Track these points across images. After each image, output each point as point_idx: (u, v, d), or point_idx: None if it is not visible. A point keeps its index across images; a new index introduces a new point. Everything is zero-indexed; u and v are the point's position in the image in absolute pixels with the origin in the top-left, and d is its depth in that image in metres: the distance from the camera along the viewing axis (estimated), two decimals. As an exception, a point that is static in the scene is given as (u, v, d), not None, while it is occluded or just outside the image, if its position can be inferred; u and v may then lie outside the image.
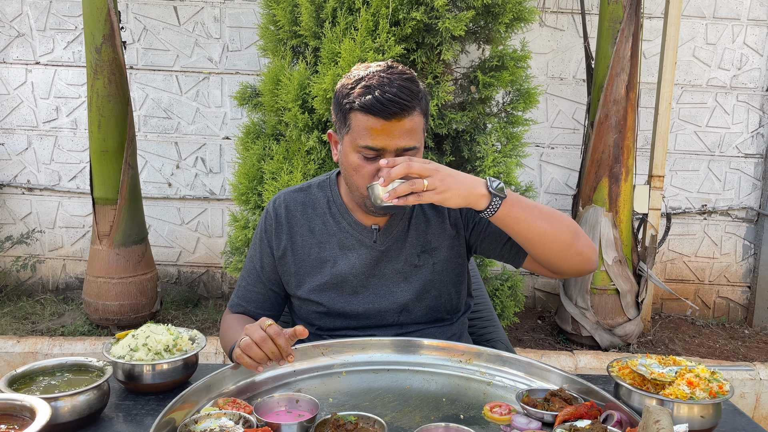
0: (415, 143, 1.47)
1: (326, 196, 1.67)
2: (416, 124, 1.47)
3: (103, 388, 1.29)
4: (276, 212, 1.67)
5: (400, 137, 1.44)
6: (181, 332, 1.49)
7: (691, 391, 1.25)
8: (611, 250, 3.64)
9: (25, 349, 3.30)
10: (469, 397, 1.42)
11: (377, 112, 1.42)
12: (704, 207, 4.41)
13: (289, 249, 1.65)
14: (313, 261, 1.64)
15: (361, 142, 1.46)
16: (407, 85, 1.44)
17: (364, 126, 1.45)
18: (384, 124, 1.43)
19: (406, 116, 1.44)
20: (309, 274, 1.64)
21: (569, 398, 1.34)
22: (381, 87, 1.43)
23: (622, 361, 1.40)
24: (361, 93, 1.44)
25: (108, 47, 3.54)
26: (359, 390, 1.44)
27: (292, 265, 1.65)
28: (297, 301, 1.70)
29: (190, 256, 4.42)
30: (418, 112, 1.47)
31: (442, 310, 1.70)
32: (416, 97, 1.45)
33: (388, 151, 1.45)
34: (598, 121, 3.64)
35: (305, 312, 1.69)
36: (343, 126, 1.51)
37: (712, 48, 4.25)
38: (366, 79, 1.46)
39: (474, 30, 3.23)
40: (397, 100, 1.41)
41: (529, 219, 1.44)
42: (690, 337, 4.12)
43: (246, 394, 1.40)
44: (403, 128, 1.44)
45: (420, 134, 1.50)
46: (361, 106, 1.44)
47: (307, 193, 1.69)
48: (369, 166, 1.48)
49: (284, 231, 1.66)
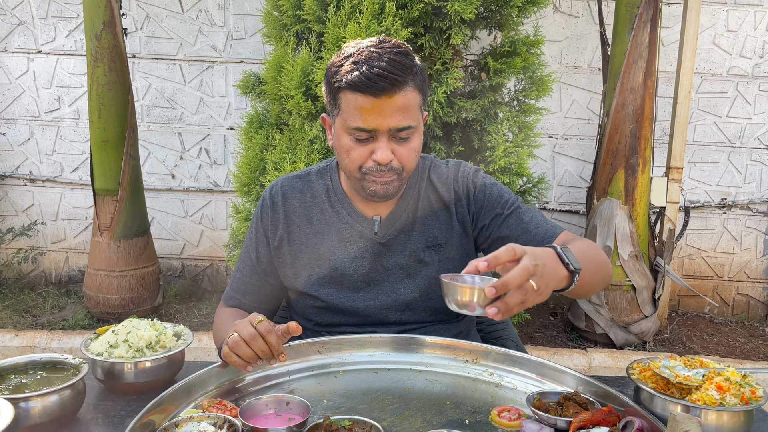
0: (410, 122, 1.36)
1: (325, 184, 1.56)
2: (410, 101, 1.36)
3: (77, 387, 1.19)
4: (273, 200, 1.57)
5: (392, 116, 1.34)
6: (165, 328, 1.38)
7: (720, 396, 1.13)
8: (627, 244, 3.51)
9: (24, 342, 3.23)
10: (475, 400, 1.31)
11: (365, 89, 1.31)
12: (724, 200, 4.25)
13: (286, 239, 1.55)
14: (311, 253, 1.53)
15: (352, 123, 1.36)
16: (398, 59, 1.33)
17: (353, 106, 1.34)
18: (374, 102, 1.32)
19: (398, 92, 1.32)
20: (306, 266, 1.54)
21: (585, 403, 1.22)
22: (369, 62, 1.32)
23: (643, 363, 1.28)
24: (349, 70, 1.34)
25: (108, 34, 3.45)
26: (357, 391, 1.34)
27: (288, 257, 1.55)
28: (294, 295, 1.60)
29: (193, 249, 4.34)
30: (412, 88, 1.36)
31: (447, 311, 1.58)
32: (408, 70, 1.34)
33: (381, 131, 1.35)
34: (614, 110, 3.50)
35: (302, 306, 1.59)
36: (334, 107, 1.41)
37: (733, 35, 4.10)
38: (355, 54, 1.35)
39: (485, 15, 3.10)
40: (387, 75, 1.31)
41: (589, 280, 1.31)
42: (708, 335, 3.98)
43: (234, 395, 1.30)
44: (396, 106, 1.33)
45: (416, 112, 1.38)
46: (349, 83, 1.33)
47: (305, 180, 1.58)
48: (361, 148, 1.38)
49: (281, 219, 1.55)
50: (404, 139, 1.38)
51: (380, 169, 1.38)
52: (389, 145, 1.37)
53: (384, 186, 1.41)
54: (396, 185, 1.42)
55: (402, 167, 1.40)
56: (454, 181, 1.55)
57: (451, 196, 1.54)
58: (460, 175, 1.55)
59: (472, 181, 1.54)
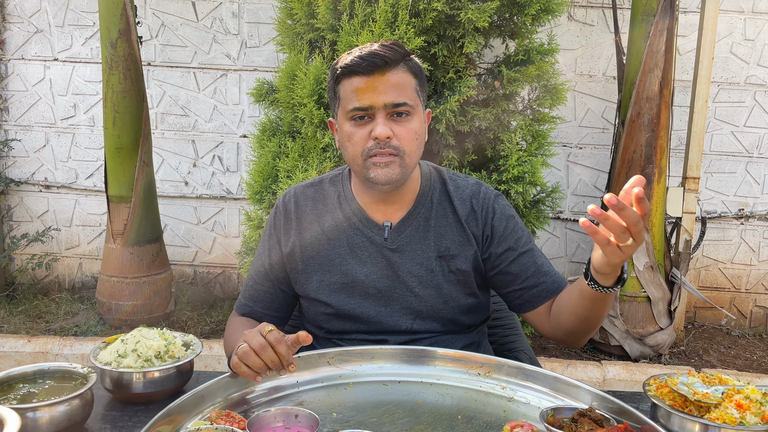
0: (405, 99, 1.40)
1: (337, 191, 1.57)
2: (404, 80, 1.41)
3: (85, 397, 1.18)
4: (285, 207, 1.58)
5: (386, 92, 1.38)
6: (175, 337, 1.37)
7: (740, 415, 1.10)
8: (642, 255, 3.46)
9: (36, 348, 3.24)
10: (487, 415, 1.28)
11: (357, 67, 1.38)
12: (741, 211, 4.19)
13: (298, 245, 1.55)
14: (322, 259, 1.53)
15: (349, 106, 1.41)
16: (390, 45, 1.41)
17: (350, 89, 1.41)
18: (367, 81, 1.38)
19: (390, 70, 1.39)
20: (317, 272, 1.54)
21: (600, 419, 1.19)
22: (362, 50, 1.41)
23: (660, 379, 1.25)
24: (344, 59, 1.43)
25: (123, 42, 3.47)
26: (366, 404, 1.31)
27: (300, 263, 1.55)
28: (305, 302, 1.59)
29: (206, 256, 4.34)
30: (405, 69, 1.42)
31: (459, 322, 1.57)
32: (399, 53, 1.41)
33: (377, 108, 1.39)
34: (629, 120, 3.47)
35: (313, 313, 1.58)
36: (335, 101, 1.47)
37: (750, 44, 4.05)
38: (350, 50, 1.45)
39: (498, 23, 3.09)
40: (378, 53, 1.38)
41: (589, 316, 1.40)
42: (725, 348, 3.91)
43: (242, 406, 1.28)
44: (389, 83, 1.38)
45: (411, 92, 1.42)
46: (343, 68, 1.41)
47: (318, 188, 1.60)
48: (361, 130, 1.41)
49: (293, 227, 1.56)
50: (401, 117, 1.41)
51: (380, 146, 1.39)
52: (387, 123, 1.39)
53: (385, 169, 1.41)
54: (397, 170, 1.42)
55: (402, 147, 1.41)
56: (472, 197, 1.55)
57: (467, 210, 1.54)
58: (481, 195, 1.56)
59: (492, 206, 1.55)
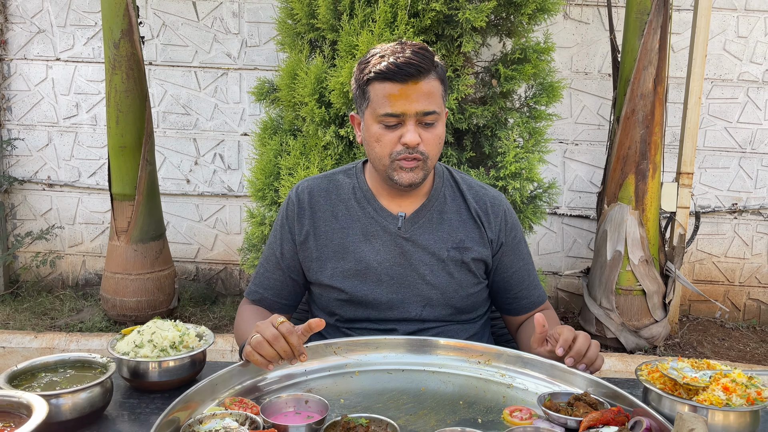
0: (435, 107, 1.47)
1: (352, 183, 1.64)
2: (434, 88, 1.47)
3: (105, 385, 1.24)
4: (299, 198, 1.65)
5: (418, 100, 1.44)
6: (188, 329, 1.43)
7: (727, 397, 1.16)
8: (637, 249, 3.53)
9: (43, 344, 3.30)
10: (487, 400, 1.35)
11: (393, 75, 1.43)
12: (735, 206, 4.26)
13: (312, 234, 1.62)
14: (336, 246, 1.60)
15: (381, 111, 1.46)
16: (421, 52, 1.47)
17: (382, 94, 1.46)
18: (401, 88, 1.44)
19: (423, 78, 1.44)
20: (331, 259, 1.60)
21: (594, 403, 1.26)
22: (395, 55, 1.46)
23: (651, 365, 1.31)
24: (377, 62, 1.47)
25: (126, 42, 3.52)
26: (372, 391, 1.38)
27: (314, 250, 1.62)
28: (318, 289, 1.65)
29: (208, 253, 4.40)
30: (435, 77, 1.48)
31: (467, 310, 1.64)
32: (431, 61, 1.47)
33: (408, 115, 1.45)
34: (624, 116, 3.53)
35: (326, 300, 1.64)
36: (363, 100, 1.51)
37: (743, 41, 4.11)
38: (381, 51, 1.50)
39: (495, 22, 3.14)
40: (412, 62, 1.43)
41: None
42: (719, 339, 3.98)
43: (254, 393, 1.34)
44: (421, 91, 1.44)
45: (439, 100, 1.49)
46: (377, 73, 1.45)
47: (331, 179, 1.67)
48: (390, 134, 1.48)
49: (307, 216, 1.63)
50: (430, 125, 1.48)
51: (408, 152, 1.47)
52: (416, 130, 1.46)
53: (410, 173, 1.49)
54: (421, 174, 1.50)
55: (427, 153, 1.49)
56: (492, 204, 1.65)
57: (482, 211, 1.63)
58: (499, 204, 1.67)
59: (506, 218, 1.67)
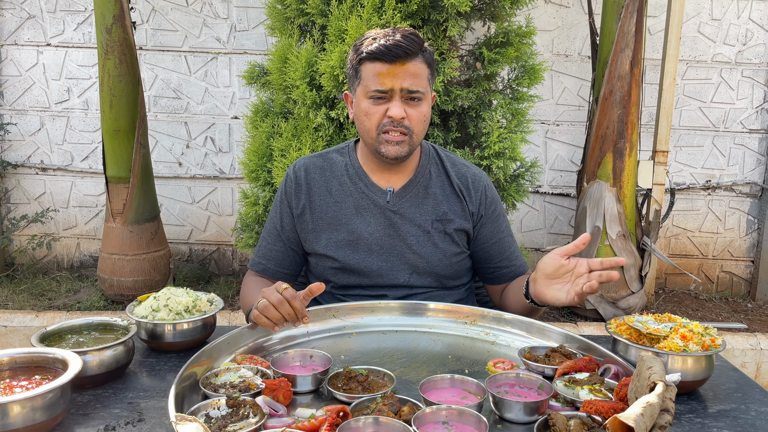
0: (419, 87, 1.61)
1: (344, 161, 1.79)
2: (420, 70, 1.61)
3: (128, 344, 1.37)
4: (296, 174, 1.80)
5: (405, 79, 1.59)
6: (199, 295, 1.56)
7: (684, 344, 1.31)
8: (615, 224, 3.70)
9: (44, 323, 3.40)
10: (474, 355, 1.49)
11: (382, 56, 1.58)
12: (708, 182, 4.44)
13: (308, 207, 1.77)
14: (330, 219, 1.75)
15: (371, 87, 1.61)
16: (410, 36, 1.61)
17: (372, 73, 1.61)
18: (389, 68, 1.58)
19: (410, 60, 1.59)
20: (326, 230, 1.75)
21: (569, 354, 1.40)
22: (386, 38, 1.61)
23: (620, 319, 1.46)
24: (370, 44, 1.62)
25: (118, 27, 3.59)
26: (369, 349, 1.52)
27: (310, 223, 1.76)
28: (314, 258, 1.80)
29: (201, 234, 4.50)
30: (422, 60, 1.62)
31: (451, 277, 1.78)
32: (419, 45, 1.61)
33: (395, 91, 1.60)
34: (602, 97, 3.68)
35: (321, 268, 1.78)
36: (356, 79, 1.66)
37: (717, 24, 4.26)
38: (374, 35, 1.64)
39: (479, 6, 3.26)
40: (401, 44, 1.58)
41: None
42: (693, 310, 4.18)
43: (261, 352, 1.47)
44: (408, 71, 1.59)
45: (425, 81, 1.63)
46: (369, 53, 1.60)
47: (325, 158, 1.82)
48: (379, 107, 1.62)
49: (303, 191, 1.78)
50: (414, 101, 1.62)
51: (393, 125, 1.61)
52: (402, 105, 1.61)
53: (396, 147, 1.64)
54: (406, 148, 1.65)
55: (412, 128, 1.63)
56: (473, 179, 1.80)
57: (464, 186, 1.78)
58: (480, 180, 1.81)
59: (488, 191, 1.81)
